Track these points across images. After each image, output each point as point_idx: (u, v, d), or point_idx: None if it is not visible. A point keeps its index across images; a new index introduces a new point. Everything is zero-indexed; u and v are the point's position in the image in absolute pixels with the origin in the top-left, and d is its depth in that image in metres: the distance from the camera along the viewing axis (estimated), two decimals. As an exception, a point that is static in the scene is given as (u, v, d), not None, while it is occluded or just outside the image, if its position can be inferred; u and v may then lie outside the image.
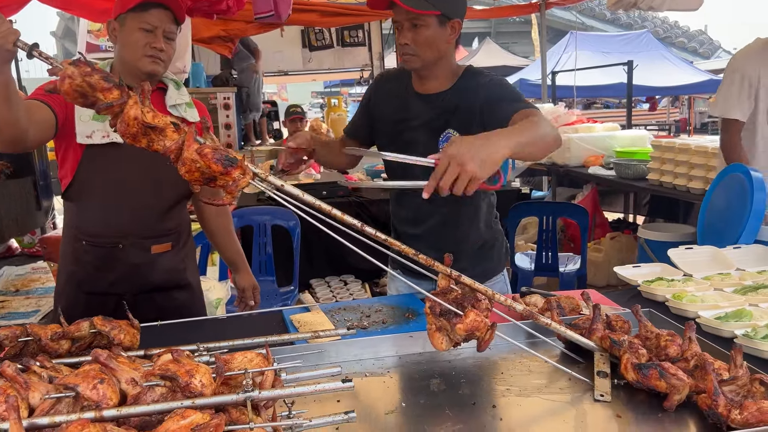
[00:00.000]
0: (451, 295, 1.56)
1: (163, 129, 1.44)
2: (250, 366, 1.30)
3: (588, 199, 5.55)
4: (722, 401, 1.26)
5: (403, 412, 1.40)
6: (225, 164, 1.42)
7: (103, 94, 1.40)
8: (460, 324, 1.45)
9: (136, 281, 2.07)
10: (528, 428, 1.33)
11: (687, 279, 2.13)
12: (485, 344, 1.48)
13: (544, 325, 1.58)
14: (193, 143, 1.43)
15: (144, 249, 2.06)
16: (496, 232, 2.31)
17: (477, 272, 2.21)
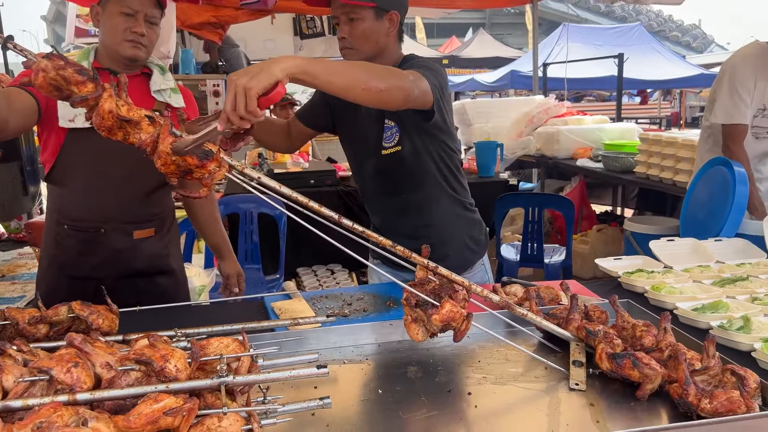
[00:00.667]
0: (429, 286, 1.57)
1: (138, 122, 1.44)
2: (226, 352, 1.30)
3: (576, 192, 5.58)
4: (692, 391, 1.28)
5: (380, 399, 1.41)
6: (200, 157, 1.42)
7: (78, 87, 1.40)
8: (435, 315, 1.46)
9: (117, 266, 2.06)
10: (502, 415, 1.35)
11: (667, 271, 2.15)
12: (461, 335, 1.49)
13: (520, 315, 1.59)
14: (168, 136, 1.43)
15: (126, 234, 2.05)
16: (473, 220, 2.31)
17: (455, 262, 2.23)
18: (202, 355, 1.27)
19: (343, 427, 1.30)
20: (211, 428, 1.12)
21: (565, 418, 1.33)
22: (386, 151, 2.10)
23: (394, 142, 2.09)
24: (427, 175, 2.14)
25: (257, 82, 1.35)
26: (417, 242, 2.21)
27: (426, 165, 2.13)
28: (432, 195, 2.17)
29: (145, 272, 2.12)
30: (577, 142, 5.62)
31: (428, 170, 2.14)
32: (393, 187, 2.18)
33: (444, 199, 2.19)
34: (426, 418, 1.32)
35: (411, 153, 2.09)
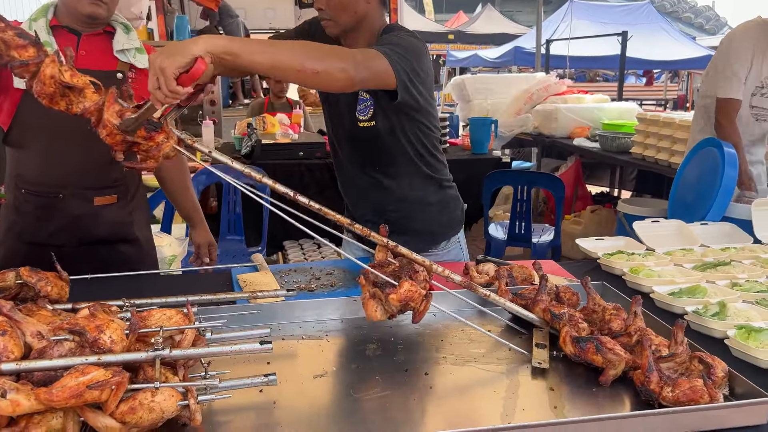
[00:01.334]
0: (389, 268, 1.52)
1: (82, 89, 1.38)
2: (168, 324, 1.25)
3: (571, 171, 5.49)
4: (654, 378, 1.23)
5: (333, 376, 1.36)
6: (148, 128, 1.37)
7: (18, 51, 1.34)
8: (393, 294, 1.41)
9: (77, 233, 2.00)
10: (456, 397, 1.29)
11: (648, 253, 2.09)
12: (419, 315, 1.44)
13: (482, 295, 1.53)
14: (114, 104, 1.36)
15: (86, 200, 1.98)
16: (447, 196, 2.23)
17: (427, 239, 2.17)
18: (142, 327, 1.22)
19: (290, 405, 1.25)
20: (144, 403, 1.07)
21: (523, 402, 1.27)
22: (362, 123, 2.02)
23: (369, 116, 2.01)
24: (401, 153, 2.06)
25: (172, 61, 1.32)
26: (382, 217, 2.16)
27: (400, 144, 2.05)
28: (404, 173, 2.10)
29: (107, 240, 2.05)
30: (576, 121, 5.52)
31: (402, 149, 2.06)
32: (366, 162, 2.11)
33: (417, 177, 2.12)
34: (377, 398, 1.27)
35: (386, 130, 2.01)
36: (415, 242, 2.16)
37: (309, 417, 1.21)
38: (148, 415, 1.08)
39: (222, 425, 1.18)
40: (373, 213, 2.18)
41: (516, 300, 1.60)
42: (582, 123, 5.48)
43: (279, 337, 1.56)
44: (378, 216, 2.16)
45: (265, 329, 1.33)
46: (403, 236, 2.17)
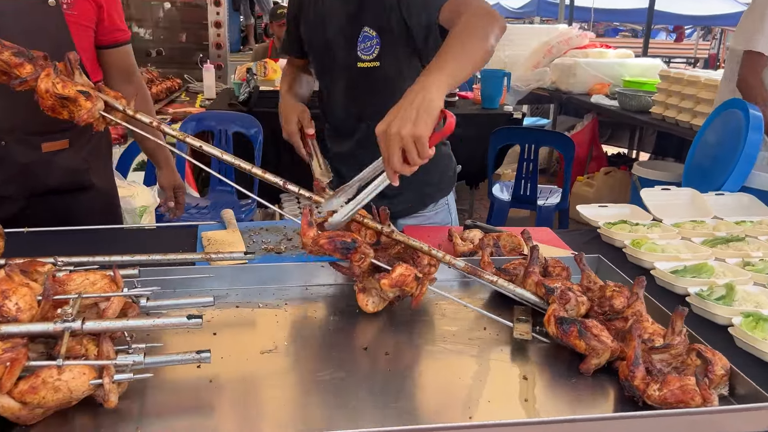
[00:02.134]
0: (394, 250, 1.40)
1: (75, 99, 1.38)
2: (91, 290, 1.11)
3: (587, 130, 5.24)
4: (640, 374, 1.07)
5: (283, 352, 1.22)
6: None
7: (17, 69, 1.37)
8: (385, 279, 1.28)
9: (26, 183, 1.85)
10: (415, 383, 1.15)
11: (654, 224, 1.90)
12: (416, 300, 1.31)
13: (491, 283, 1.37)
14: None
15: (33, 147, 1.82)
16: (440, 154, 2.03)
17: (415, 199, 2.00)
18: (60, 292, 1.08)
19: (228, 384, 1.11)
20: (48, 381, 0.94)
21: (490, 392, 1.13)
22: (363, 63, 1.82)
23: (373, 56, 1.81)
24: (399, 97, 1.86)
25: (425, 129, 1.18)
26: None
27: (400, 86, 1.84)
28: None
29: (59, 189, 1.91)
30: (595, 76, 5.24)
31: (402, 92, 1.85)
32: (362, 110, 1.91)
33: None
34: (326, 381, 1.13)
35: (391, 72, 1.81)
36: (402, 203, 2.00)
37: (244, 399, 1.08)
38: (53, 395, 0.95)
39: (146, 406, 1.05)
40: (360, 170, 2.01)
41: (499, 275, 1.44)
42: (602, 79, 5.19)
43: (233, 304, 1.42)
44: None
45: (209, 298, 1.20)
46: (388, 198, 2.01)
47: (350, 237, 1.30)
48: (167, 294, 1.43)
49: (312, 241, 1.29)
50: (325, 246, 1.28)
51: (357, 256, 1.29)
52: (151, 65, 5.88)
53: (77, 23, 1.80)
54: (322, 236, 1.29)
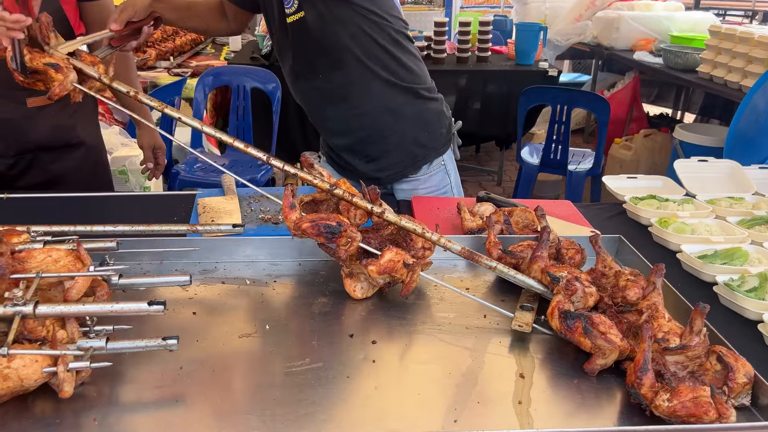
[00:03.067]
0: (386, 231, 1.30)
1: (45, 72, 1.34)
2: (54, 268, 1.04)
3: (627, 89, 4.95)
4: (648, 381, 0.95)
5: (263, 338, 1.14)
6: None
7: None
8: (372, 266, 1.20)
9: (12, 140, 1.80)
10: (400, 378, 1.05)
11: (686, 200, 1.75)
12: (406, 288, 1.21)
13: (490, 268, 1.26)
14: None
15: (17, 102, 1.74)
16: (426, 109, 1.88)
17: (400, 160, 1.88)
18: (18, 271, 1.01)
19: (196, 372, 1.04)
20: (-4, 369, 0.88)
21: (481, 392, 1.03)
22: (290, 18, 1.70)
23: (295, 7, 1.69)
24: (342, 51, 1.73)
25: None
26: (348, 137, 1.87)
27: (338, 38, 1.71)
28: (356, 77, 1.76)
29: (49, 147, 1.85)
30: (640, 31, 4.90)
31: (343, 45, 1.72)
32: (309, 65, 1.79)
33: (376, 84, 1.78)
34: (304, 371, 1.05)
35: (316, 21, 1.69)
36: (390, 166, 1.89)
37: (212, 390, 1.00)
38: (2, 383, 0.90)
39: (110, 393, 0.99)
40: (337, 133, 1.90)
41: (504, 257, 1.32)
42: (647, 34, 4.86)
43: (219, 279, 1.34)
44: (344, 136, 1.88)
45: (185, 276, 1.12)
46: (374, 162, 1.89)
47: (336, 219, 1.20)
48: (153, 266, 1.38)
49: (294, 225, 1.20)
50: (308, 230, 1.19)
51: (343, 240, 1.20)
52: (180, 15, 5.77)
53: None
54: (305, 219, 1.20)
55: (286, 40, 1.77)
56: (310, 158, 1.28)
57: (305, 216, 1.20)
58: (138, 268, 1.36)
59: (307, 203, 1.29)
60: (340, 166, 1.98)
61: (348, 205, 1.27)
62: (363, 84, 1.77)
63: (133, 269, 1.34)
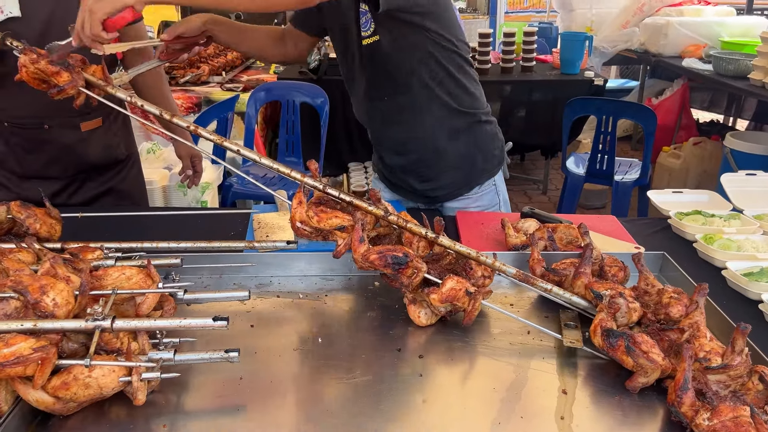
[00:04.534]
0: (445, 261, 1.34)
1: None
2: (127, 285, 1.13)
3: (676, 96, 4.87)
4: (688, 400, 0.98)
5: (315, 351, 1.21)
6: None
7: (55, 77, 1.41)
8: (434, 294, 1.23)
9: (69, 163, 1.92)
10: (446, 392, 1.10)
11: (733, 215, 1.74)
12: (468, 316, 1.24)
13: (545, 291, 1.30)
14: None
15: (73, 127, 1.88)
16: (482, 133, 1.92)
17: (453, 182, 1.93)
18: (96, 288, 1.11)
19: (256, 383, 1.11)
20: (79, 378, 0.98)
21: (524, 407, 1.07)
22: (365, 40, 1.75)
23: (371, 30, 1.73)
24: (411, 74, 1.77)
25: (101, 6, 1.33)
26: (405, 158, 1.93)
27: (408, 63, 1.76)
28: (420, 100, 1.81)
29: (101, 165, 1.98)
30: (689, 37, 4.83)
31: (412, 69, 1.77)
32: (376, 88, 1.84)
33: (438, 108, 1.83)
34: (355, 384, 1.11)
35: (390, 45, 1.73)
36: (444, 186, 1.94)
37: (271, 400, 1.07)
38: (84, 391, 0.98)
39: (177, 401, 1.07)
40: (395, 153, 1.95)
41: (548, 275, 1.36)
42: (696, 40, 4.78)
43: (275, 293, 1.42)
44: (401, 156, 1.93)
45: (244, 292, 1.19)
46: (429, 182, 1.94)
47: (402, 251, 1.24)
48: (213, 280, 1.47)
49: (362, 257, 1.24)
50: (375, 261, 1.23)
51: (409, 271, 1.24)
52: (230, 30, 5.95)
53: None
54: (372, 251, 1.24)
55: (357, 63, 1.82)
56: (378, 193, 1.34)
57: (372, 248, 1.25)
58: (199, 282, 1.45)
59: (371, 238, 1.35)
60: (393, 183, 2.04)
61: (411, 237, 1.32)
62: (426, 108, 1.82)
63: (195, 283, 1.43)
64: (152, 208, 1.84)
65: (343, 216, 1.29)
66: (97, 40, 1.37)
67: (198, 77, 4.07)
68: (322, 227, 1.28)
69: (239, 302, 1.35)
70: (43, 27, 1.74)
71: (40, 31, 1.74)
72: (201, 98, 3.79)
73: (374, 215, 1.33)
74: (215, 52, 4.60)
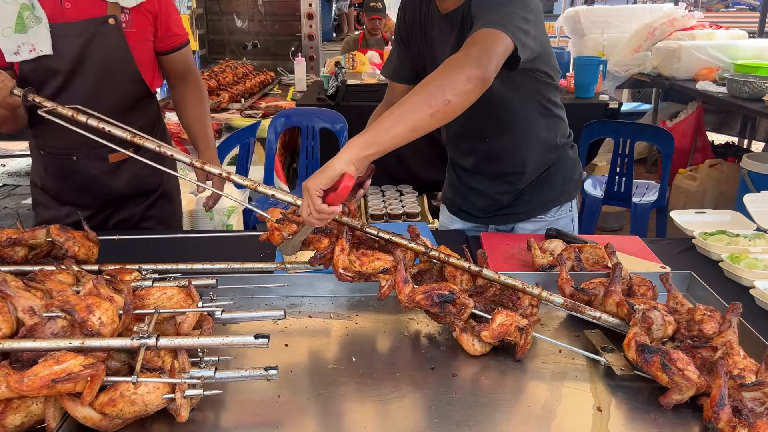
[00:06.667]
0: (489, 292, 1.35)
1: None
2: (168, 304, 1.16)
3: (691, 119, 4.88)
4: (725, 416, 0.99)
5: (348, 369, 1.23)
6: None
7: (315, 245, 1.39)
8: (485, 331, 1.23)
9: (97, 193, 1.95)
10: (480, 411, 1.11)
11: (758, 235, 1.75)
12: (522, 350, 1.24)
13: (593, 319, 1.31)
14: None
15: (101, 159, 1.91)
16: (567, 157, 1.93)
17: (535, 202, 1.93)
18: (139, 307, 1.14)
19: (293, 401, 1.13)
20: (125, 395, 1.00)
21: (558, 425, 1.08)
22: None
23: None
24: (516, 114, 1.80)
25: (315, 182, 1.26)
26: (496, 187, 1.93)
27: (514, 104, 1.78)
28: (520, 139, 1.83)
29: (129, 195, 2.01)
30: (702, 60, 4.85)
31: (517, 109, 1.79)
32: (477, 128, 1.86)
33: (534, 141, 1.84)
34: (388, 401, 1.13)
35: (499, 89, 1.72)
36: (523, 206, 1.94)
37: (308, 418, 1.09)
38: (130, 407, 1.01)
39: (218, 419, 1.09)
40: (487, 182, 1.94)
41: (577, 294, 1.38)
42: (710, 63, 4.80)
43: (306, 313, 1.45)
44: (491, 185, 1.93)
45: (279, 312, 1.22)
46: (507, 207, 1.95)
47: (447, 288, 1.26)
48: (245, 300, 1.49)
49: (407, 298, 1.26)
50: (422, 301, 1.25)
51: (457, 308, 1.25)
52: (247, 58, 6.08)
53: (136, 38, 1.85)
54: (418, 291, 1.25)
55: None
56: (417, 229, 1.37)
57: (417, 288, 1.27)
58: (231, 303, 1.47)
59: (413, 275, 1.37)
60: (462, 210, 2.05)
61: (453, 272, 1.34)
62: (525, 144, 1.85)
63: (228, 303, 1.46)
64: (182, 231, 1.86)
65: (385, 258, 1.31)
66: (324, 218, 1.28)
67: (218, 104, 4.15)
68: (365, 271, 1.31)
69: (273, 322, 1.38)
70: (73, 63, 1.78)
71: (71, 67, 1.79)
72: (222, 125, 3.86)
73: (415, 251, 1.35)
74: (234, 80, 4.69)
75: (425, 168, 4.04)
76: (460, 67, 1.38)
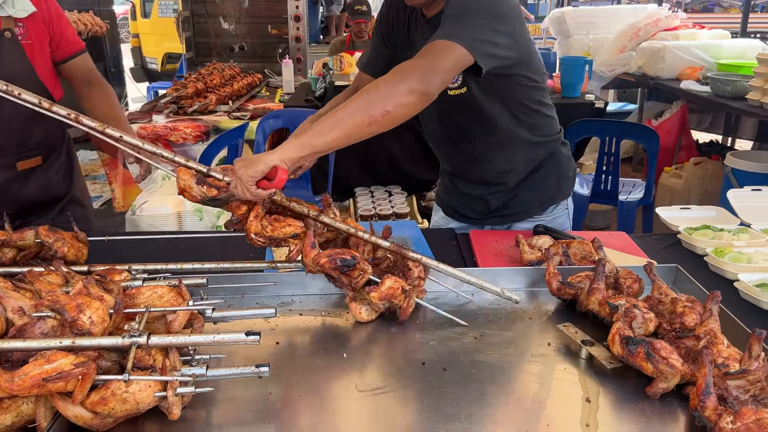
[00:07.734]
0: (383, 264, 1.45)
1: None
2: (159, 303, 1.16)
3: (676, 118, 4.94)
4: (711, 404, 1.00)
5: (339, 366, 1.24)
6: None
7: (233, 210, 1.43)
8: (374, 292, 1.34)
9: (6, 200, 1.90)
10: (470, 404, 1.12)
11: (741, 230, 1.78)
12: (404, 312, 1.36)
13: (387, 249, 1.43)
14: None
15: (8, 166, 1.88)
16: (559, 155, 1.94)
17: (532, 202, 1.94)
18: (129, 306, 1.14)
19: (285, 397, 1.14)
20: (117, 393, 1.00)
21: (549, 415, 1.09)
22: (451, 92, 1.76)
23: (458, 83, 1.75)
24: (498, 118, 1.80)
25: (247, 172, 1.31)
26: (487, 189, 1.95)
27: (496, 108, 1.79)
28: (505, 140, 1.84)
29: (40, 202, 1.98)
30: (686, 60, 4.92)
31: (499, 112, 1.80)
32: (461, 133, 1.88)
33: (520, 143, 1.85)
34: (379, 396, 1.13)
35: (479, 95, 1.75)
36: (519, 206, 1.96)
37: (300, 415, 1.10)
38: (122, 406, 1.01)
39: (209, 416, 1.10)
40: (477, 185, 1.97)
41: (563, 288, 1.39)
42: (693, 63, 4.87)
43: (297, 311, 1.45)
44: (482, 188, 1.95)
45: (270, 309, 1.22)
46: (504, 207, 1.96)
47: (350, 254, 1.34)
48: (235, 300, 1.50)
49: (313, 261, 1.34)
50: (326, 264, 1.34)
51: (356, 272, 1.34)
52: (234, 61, 6.07)
53: (34, 49, 1.84)
54: (322, 255, 1.34)
55: (439, 110, 1.81)
56: (329, 199, 1.48)
57: (322, 252, 1.35)
58: (221, 302, 1.47)
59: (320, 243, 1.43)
60: (457, 212, 2.08)
61: (357, 241, 1.43)
62: (510, 144, 1.86)
63: (218, 302, 1.46)
64: (173, 232, 1.86)
65: (296, 224, 1.38)
66: (258, 199, 1.36)
67: (205, 106, 4.14)
68: (276, 236, 1.38)
69: (264, 320, 1.38)
70: None
71: None
72: (209, 127, 3.85)
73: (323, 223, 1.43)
74: (221, 82, 4.68)
75: (415, 168, 4.06)
76: (403, 78, 1.42)
